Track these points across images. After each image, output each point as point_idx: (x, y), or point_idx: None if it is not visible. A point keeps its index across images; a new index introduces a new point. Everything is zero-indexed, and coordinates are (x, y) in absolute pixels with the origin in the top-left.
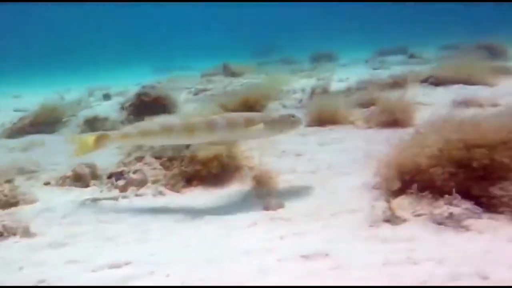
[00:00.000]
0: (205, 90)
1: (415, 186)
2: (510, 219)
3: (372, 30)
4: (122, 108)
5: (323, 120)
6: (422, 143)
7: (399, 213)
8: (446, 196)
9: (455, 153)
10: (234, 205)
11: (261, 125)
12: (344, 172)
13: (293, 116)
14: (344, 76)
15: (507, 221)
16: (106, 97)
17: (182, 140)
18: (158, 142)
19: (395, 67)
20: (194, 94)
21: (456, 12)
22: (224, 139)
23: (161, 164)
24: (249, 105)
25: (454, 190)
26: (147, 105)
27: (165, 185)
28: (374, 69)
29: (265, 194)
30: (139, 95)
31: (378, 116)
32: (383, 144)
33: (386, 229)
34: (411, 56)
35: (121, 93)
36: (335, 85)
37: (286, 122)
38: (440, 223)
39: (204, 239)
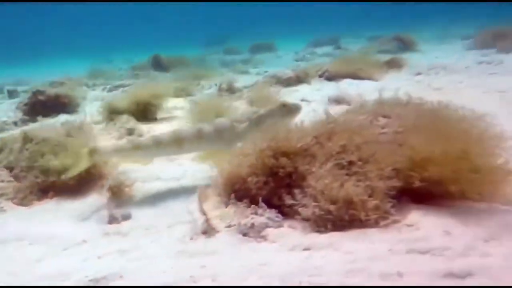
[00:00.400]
0: (122, 86)
1: (233, 195)
2: (305, 226)
3: (315, 21)
4: (17, 107)
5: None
6: (244, 152)
7: (219, 224)
8: (252, 205)
9: (267, 161)
10: (79, 219)
11: (245, 125)
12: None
13: (284, 105)
14: (267, 69)
15: (302, 229)
16: (12, 93)
17: (173, 152)
18: (150, 154)
19: (321, 59)
20: (109, 90)
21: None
22: (214, 145)
23: (13, 176)
24: (141, 105)
25: (260, 199)
26: (43, 104)
27: (12, 199)
28: (297, 60)
29: (114, 205)
30: (34, 94)
31: None
32: None
33: (200, 242)
34: (337, 47)
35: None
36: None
37: (277, 114)
38: (244, 234)
39: (10, 263)
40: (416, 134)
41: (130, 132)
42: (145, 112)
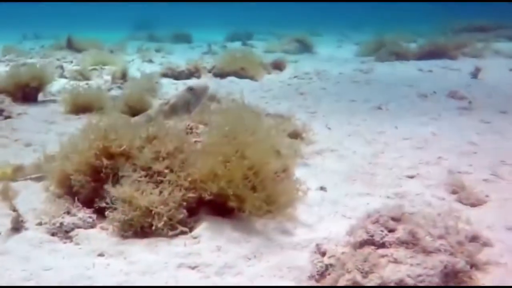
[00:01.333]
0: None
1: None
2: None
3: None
4: None
5: (79, 107)
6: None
7: (33, 221)
8: (67, 205)
9: (91, 160)
10: None
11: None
12: None
13: (191, 88)
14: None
15: (110, 233)
16: None
17: None
18: None
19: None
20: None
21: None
22: None
23: None
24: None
25: (76, 198)
26: None
27: None
28: (204, 53)
29: None
30: None
31: None
32: None
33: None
34: (244, 43)
35: None
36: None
37: (188, 97)
38: (53, 234)
39: None
40: (220, 145)
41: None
42: (24, 93)
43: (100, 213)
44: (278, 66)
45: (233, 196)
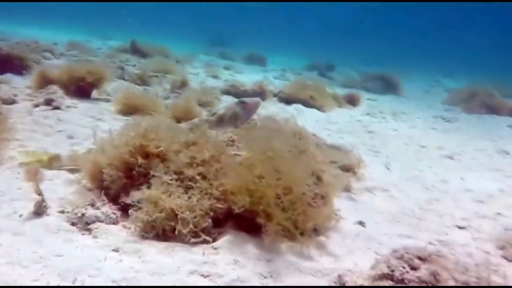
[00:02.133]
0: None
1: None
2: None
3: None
4: None
5: (129, 109)
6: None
7: (56, 208)
8: (92, 197)
9: (125, 157)
10: None
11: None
12: None
13: (242, 101)
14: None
15: (132, 231)
16: None
17: None
18: None
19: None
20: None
21: None
22: None
23: None
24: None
25: (102, 192)
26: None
27: None
28: (275, 77)
29: None
30: None
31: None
32: None
33: (20, 222)
34: (322, 74)
35: None
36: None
37: (238, 110)
38: (72, 223)
39: None
40: (258, 161)
41: (47, 102)
42: (78, 87)
43: (126, 211)
44: (352, 101)
45: (263, 212)
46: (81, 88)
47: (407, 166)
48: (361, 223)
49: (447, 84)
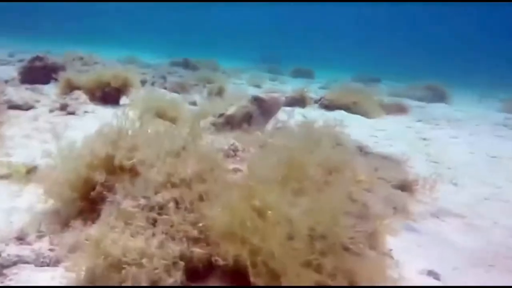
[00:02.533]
0: None
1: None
2: None
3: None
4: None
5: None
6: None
7: None
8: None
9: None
10: None
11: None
12: None
13: (256, 98)
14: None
15: None
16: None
17: None
18: None
19: None
20: None
21: None
22: None
23: None
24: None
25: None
26: (39, 70)
27: None
28: (320, 87)
29: None
30: (33, 59)
31: None
32: None
33: None
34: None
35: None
36: (250, 91)
37: (251, 110)
38: None
39: None
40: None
41: (63, 107)
42: (104, 93)
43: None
44: (400, 108)
45: (264, 267)
46: (108, 94)
47: (479, 180)
48: (432, 273)
49: (500, 95)
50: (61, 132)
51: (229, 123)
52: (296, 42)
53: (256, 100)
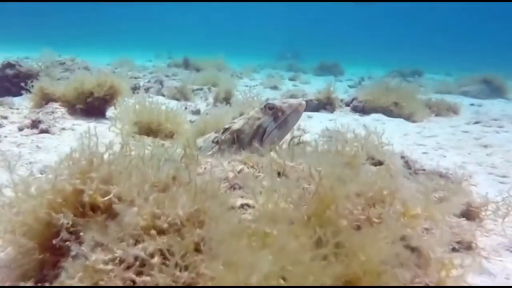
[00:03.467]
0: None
1: None
2: None
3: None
4: None
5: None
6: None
7: None
8: None
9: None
10: None
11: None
12: None
13: (270, 106)
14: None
15: None
16: None
17: None
18: None
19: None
20: None
21: None
22: None
23: None
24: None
25: None
26: (10, 80)
27: None
28: (350, 86)
29: None
30: (3, 66)
31: None
32: None
33: None
34: (406, 80)
35: None
36: (267, 94)
37: (264, 121)
38: None
39: None
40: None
41: (34, 124)
42: (87, 104)
43: None
44: (451, 107)
45: None
46: (90, 106)
47: None
48: None
49: None
50: (19, 158)
51: (236, 140)
52: (320, 36)
53: (270, 109)
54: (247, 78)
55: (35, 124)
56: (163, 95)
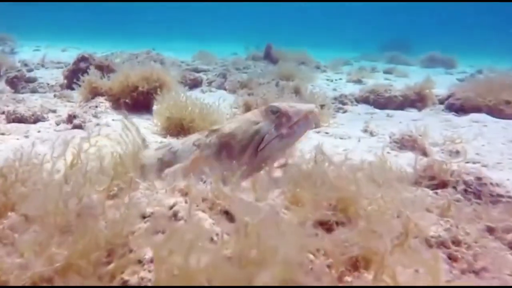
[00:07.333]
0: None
1: None
2: None
3: None
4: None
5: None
6: None
7: None
8: None
9: None
10: None
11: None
12: None
13: (274, 110)
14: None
15: None
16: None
17: None
18: None
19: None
20: None
21: None
22: None
23: None
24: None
25: None
26: (84, 71)
27: None
28: (459, 80)
29: None
30: (78, 60)
31: None
32: None
33: None
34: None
35: None
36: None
37: (260, 129)
38: None
39: None
40: None
41: (69, 119)
42: (132, 98)
43: None
44: None
45: None
46: (136, 100)
47: None
48: None
49: None
50: None
51: (225, 146)
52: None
53: (273, 112)
54: (333, 72)
55: (70, 119)
56: (225, 89)
